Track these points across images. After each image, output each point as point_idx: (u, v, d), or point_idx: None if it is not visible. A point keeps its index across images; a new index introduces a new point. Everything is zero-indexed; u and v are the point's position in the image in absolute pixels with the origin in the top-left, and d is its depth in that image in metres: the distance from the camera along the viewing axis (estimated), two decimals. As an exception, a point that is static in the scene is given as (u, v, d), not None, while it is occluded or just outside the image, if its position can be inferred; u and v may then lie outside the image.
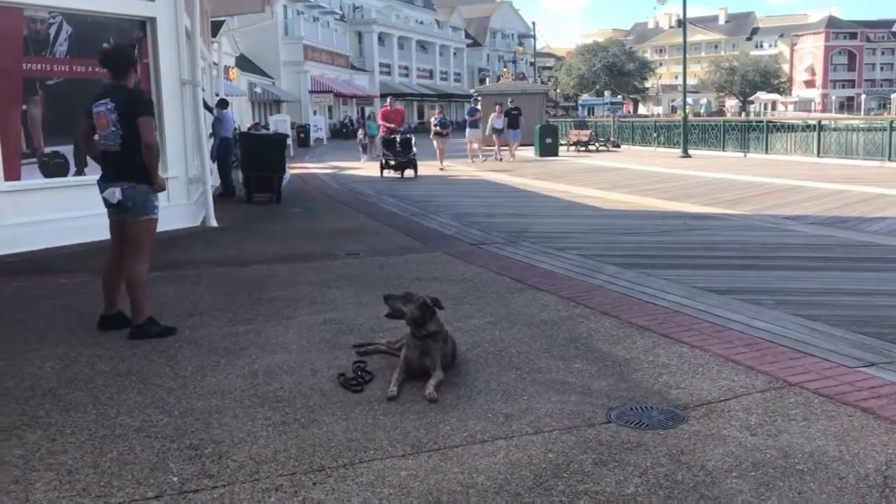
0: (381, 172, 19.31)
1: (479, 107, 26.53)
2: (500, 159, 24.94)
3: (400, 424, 3.75)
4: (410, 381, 4.29)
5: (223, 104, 16.13)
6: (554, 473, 3.22)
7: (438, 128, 22.38)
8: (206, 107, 13.11)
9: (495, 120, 25.04)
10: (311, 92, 48.91)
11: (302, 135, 39.66)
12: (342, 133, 50.93)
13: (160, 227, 9.69)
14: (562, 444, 3.50)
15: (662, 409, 3.89)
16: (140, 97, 5.43)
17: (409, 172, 18.98)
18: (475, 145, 25.20)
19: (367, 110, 59.86)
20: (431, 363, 4.28)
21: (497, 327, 5.40)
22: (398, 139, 19.38)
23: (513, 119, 25.29)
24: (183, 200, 10.51)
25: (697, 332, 5.18)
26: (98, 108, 5.26)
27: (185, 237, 9.72)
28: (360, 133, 29.23)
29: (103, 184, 5.39)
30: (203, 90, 12.29)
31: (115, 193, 5.32)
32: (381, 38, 65.20)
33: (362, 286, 6.81)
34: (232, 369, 4.62)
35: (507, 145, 25.53)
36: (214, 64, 19.44)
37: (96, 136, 5.38)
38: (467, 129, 25.57)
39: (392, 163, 19.19)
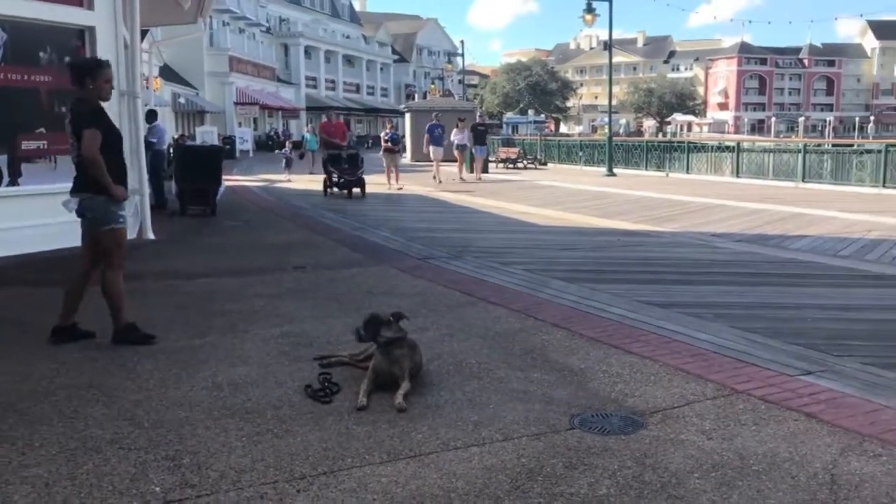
0: (326, 191, 17.97)
1: (441, 122, 24.16)
2: (462, 178, 23.44)
3: (373, 433, 3.85)
4: (377, 392, 4.38)
5: (153, 116, 15.86)
6: (529, 477, 3.37)
7: (390, 144, 20.70)
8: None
9: (458, 136, 23.75)
10: (237, 104, 48.40)
11: (228, 147, 39.12)
12: (268, 145, 50.42)
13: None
14: (532, 450, 3.65)
15: (622, 416, 4.08)
16: (84, 109, 5.29)
17: (356, 191, 17.62)
18: (437, 164, 23.18)
19: (295, 123, 59.66)
20: (400, 372, 4.39)
21: (454, 339, 5.54)
22: (344, 155, 18.00)
23: (480, 135, 24.41)
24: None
25: (645, 343, 5.42)
26: (66, 122, 5.37)
27: (124, 250, 9.53)
28: (287, 146, 27.19)
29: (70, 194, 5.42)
30: (146, 105, 12.11)
31: (70, 204, 5.37)
32: (308, 52, 64.98)
33: (314, 299, 6.86)
34: (195, 382, 4.62)
35: (469, 162, 24.42)
36: (142, 74, 19.08)
37: None
38: (431, 147, 23.19)
39: (339, 181, 17.81)
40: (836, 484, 3.30)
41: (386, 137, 21.02)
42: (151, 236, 10.58)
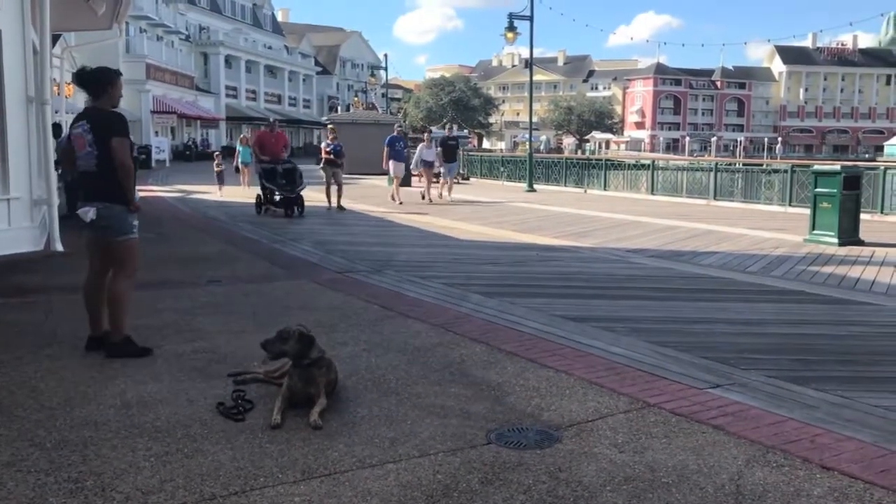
0: (259, 209, 16.47)
1: (402, 133, 21.13)
2: (430, 200, 20.38)
3: (287, 451, 3.78)
4: (292, 409, 4.31)
5: (58, 130, 15.23)
6: (444, 493, 3.36)
7: (332, 155, 17.76)
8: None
9: (425, 151, 20.63)
10: (154, 112, 47.20)
11: (143, 156, 38.12)
12: (185, 155, 49.42)
13: (0, 252, 9.17)
14: (448, 466, 3.64)
15: (538, 430, 4.12)
16: (114, 118, 5.34)
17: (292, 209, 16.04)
18: (397, 182, 20.46)
19: (214, 133, 58.54)
20: (316, 391, 4.32)
21: (372, 354, 5.50)
22: (280, 169, 16.20)
23: (450, 151, 21.22)
24: (26, 223, 9.94)
25: (561, 356, 5.49)
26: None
27: (30, 262, 9.18)
28: (217, 159, 23.98)
29: (80, 203, 5.41)
30: (56, 112, 11.69)
31: (89, 213, 5.33)
32: (228, 61, 64.03)
33: (229, 314, 6.72)
34: (102, 399, 4.46)
35: (437, 180, 21.36)
36: (54, 80, 18.42)
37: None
38: (391, 163, 20.30)
39: (275, 198, 16.32)
40: (742, 494, 3.39)
41: (328, 148, 18.04)
42: (60, 248, 10.18)
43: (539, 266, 10.06)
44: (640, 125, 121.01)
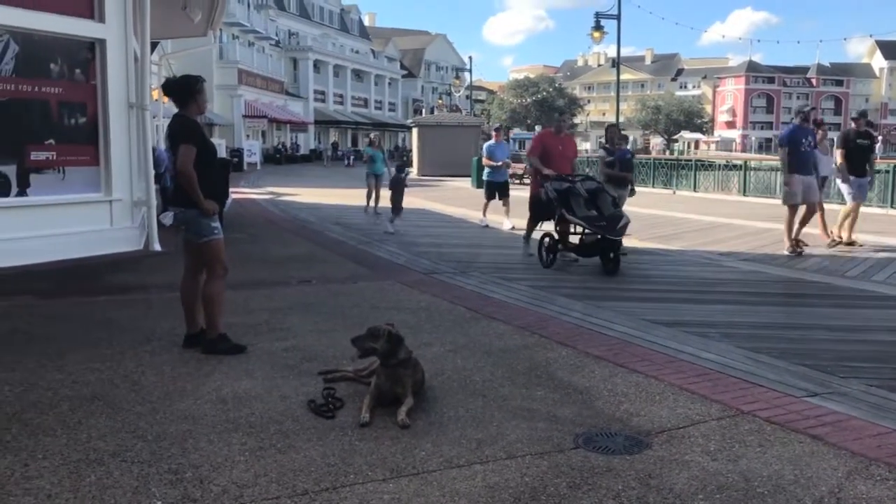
0: (544, 255, 9.91)
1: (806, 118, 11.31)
2: (839, 239, 11.75)
3: (376, 450, 3.83)
4: (380, 408, 4.37)
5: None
6: (532, 496, 3.35)
7: (618, 169, 11.76)
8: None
9: (819, 155, 11.88)
10: (245, 116, 48.64)
11: (236, 159, 39.32)
12: (276, 158, 50.74)
13: (103, 251, 9.64)
14: (536, 469, 3.63)
15: (627, 436, 4.06)
16: (181, 124, 5.50)
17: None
18: (796, 213, 11.11)
19: (303, 136, 59.75)
20: (403, 391, 4.37)
21: (458, 355, 5.52)
22: (583, 190, 9.88)
23: (862, 155, 12.07)
24: (126, 223, 10.37)
25: (651, 362, 5.40)
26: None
27: (130, 261, 9.58)
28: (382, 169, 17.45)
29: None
30: (154, 116, 12.11)
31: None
32: (317, 66, 65.35)
33: (319, 313, 6.86)
34: (200, 395, 4.62)
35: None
36: (152, 86, 19.16)
37: None
38: (795, 179, 10.90)
39: (588, 240, 9.74)
40: (842, 508, 3.27)
41: (608, 158, 11.95)
42: (158, 248, 10.59)
43: (626, 269, 9.89)
44: (730, 125, 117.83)
